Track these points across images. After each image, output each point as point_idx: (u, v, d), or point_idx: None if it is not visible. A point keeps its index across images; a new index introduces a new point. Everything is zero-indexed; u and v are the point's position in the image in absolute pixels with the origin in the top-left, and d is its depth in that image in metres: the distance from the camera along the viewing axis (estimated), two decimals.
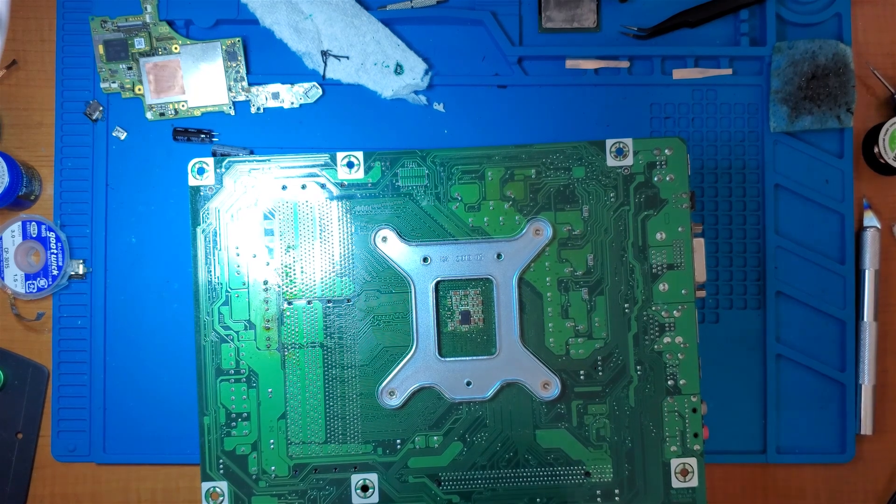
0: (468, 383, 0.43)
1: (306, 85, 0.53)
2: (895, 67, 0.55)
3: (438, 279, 0.44)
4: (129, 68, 0.53)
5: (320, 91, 0.53)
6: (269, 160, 0.45)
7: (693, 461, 0.43)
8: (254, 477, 0.43)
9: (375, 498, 0.43)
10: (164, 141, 0.53)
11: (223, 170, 0.45)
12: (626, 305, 0.43)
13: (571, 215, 0.44)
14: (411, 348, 0.43)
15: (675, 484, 0.43)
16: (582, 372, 0.43)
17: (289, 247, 0.44)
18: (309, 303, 0.44)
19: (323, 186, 0.44)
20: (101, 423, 0.52)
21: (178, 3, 0.53)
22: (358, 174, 0.44)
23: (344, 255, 0.44)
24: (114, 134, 0.53)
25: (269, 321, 0.44)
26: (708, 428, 0.45)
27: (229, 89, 0.53)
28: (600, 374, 0.43)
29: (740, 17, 0.53)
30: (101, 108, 0.53)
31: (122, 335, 0.53)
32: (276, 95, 0.53)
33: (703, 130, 0.53)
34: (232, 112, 0.53)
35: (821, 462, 0.52)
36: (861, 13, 0.54)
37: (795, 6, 0.54)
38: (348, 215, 0.44)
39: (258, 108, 0.53)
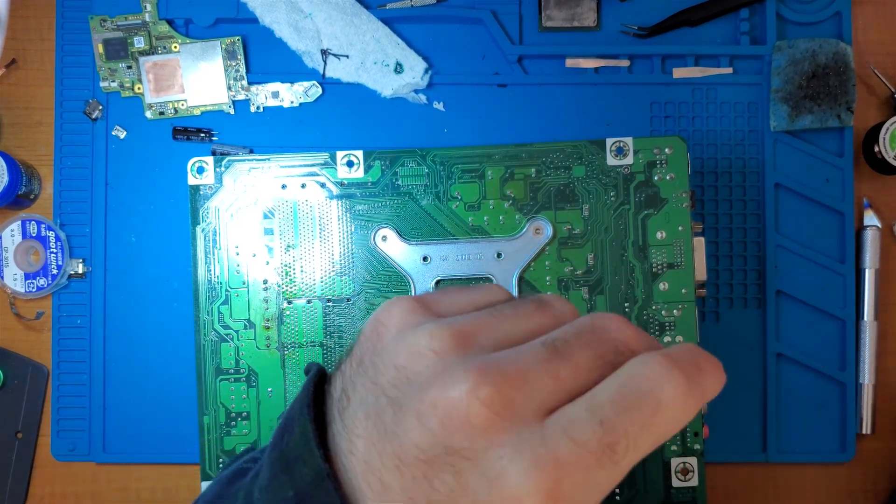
0: None
1: (306, 84, 0.53)
2: (895, 66, 0.54)
3: (438, 278, 0.44)
4: (129, 67, 0.53)
5: (320, 90, 0.53)
6: (268, 159, 0.45)
7: (693, 460, 0.43)
8: None
9: None
10: (164, 140, 0.53)
11: (223, 169, 0.45)
12: (626, 305, 0.43)
13: (571, 214, 0.44)
14: None
15: (676, 483, 0.43)
16: None
17: (288, 246, 0.44)
18: (309, 302, 0.44)
19: (323, 185, 0.44)
20: (101, 422, 0.52)
21: (177, 1, 0.53)
22: (358, 173, 0.44)
23: (344, 254, 0.44)
24: (113, 133, 0.53)
25: (268, 320, 0.44)
26: (708, 427, 0.44)
27: (229, 88, 0.53)
28: None
29: (740, 15, 0.53)
30: (100, 107, 0.53)
31: (121, 334, 0.53)
32: (275, 94, 0.53)
33: (703, 129, 0.53)
34: (231, 111, 0.53)
35: (821, 461, 0.52)
36: (861, 12, 0.54)
37: (796, 5, 0.53)
38: (348, 214, 0.44)
39: (258, 107, 0.53)
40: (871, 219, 0.53)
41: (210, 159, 0.46)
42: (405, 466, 0.20)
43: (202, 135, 0.53)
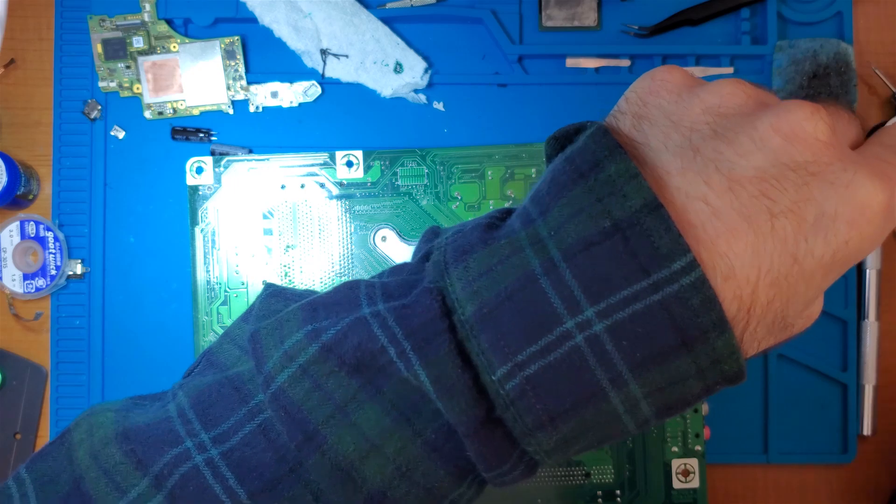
0: None
1: (305, 84, 0.53)
2: None
3: None
4: (128, 67, 0.53)
5: (319, 90, 0.53)
6: (267, 159, 0.44)
7: (694, 462, 0.43)
8: None
9: None
10: (163, 140, 0.53)
11: (222, 169, 0.45)
12: None
13: None
14: None
15: (677, 485, 0.43)
16: None
17: (288, 246, 0.44)
18: None
19: (322, 185, 0.44)
20: None
21: (176, 1, 0.53)
22: (357, 173, 0.44)
23: (343, 254, 0.44)
24: (112, 133, 0.53)
25: None
26: (709, 428, 0.44)
27: (228, 88, 0.53)
28: None
29: (741, 15, 0.53)
30: (99, 107, 0.53)
31: (120, 335, 0.52)
32: (274, 94, 0.53)
33: None
34: (230, 111, 0.53)
35: (822, 462, 0.52)
36: (863, 12, 0.54)
37: (797, 5, 0.53)
38: (347, 215, 0.44)
39: (257, 107, 0.53)
40: None
41: (209, 159, 0.46)
42: (739, 187, 0.21)
43: (201, 135, 0.53)
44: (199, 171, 0.44)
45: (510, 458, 0.23)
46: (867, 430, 0.52)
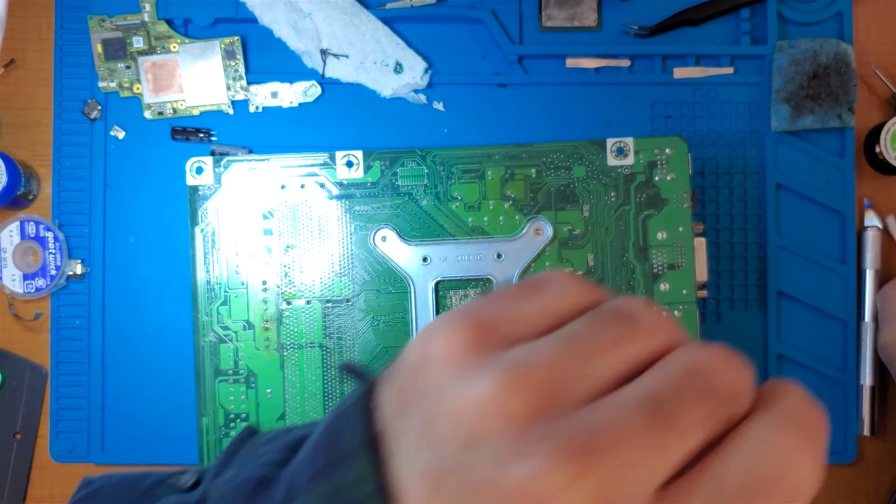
0: None
1: (305, 84, 0.53)
2: None
3: (438, 279, 0.43)
4: (128, 67, 0.53)
5: (319, 90, 0.53)
6: (267, 159, 0.44)
7: None
8: None
9: None
10: (163, 140, 0.53)
11: (222, 169, 0.45)
12: None
13: (572, 215, 0.44)
14: None
15: None
16: None
17: (288, 246, 0.44)
18: (308, 303, 0.44)
19: (322, 186, 0.44)
20: (100, 423, 0.52)
21: (176, 1, 0.53)
22: (357, 173, 0.44)
23: (343, 254, 0.44)
24: (112, 133, 0.53)
25: (267, 321, 0.44)
26: None
27: (228, 88, 0.53)
28: None
29: (741, 15, 0.53)
30: (99, 108, 0.53)
31: (120, 335, 0.52)
32: (274, 94, 0.53)
33: (704, 129, 0.53)
34: (230, 111, 0.53)
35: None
36: (863, 12, 0.54)
37: (797, 5, 0.53)
38: (347, 215, 0.44)
39: (257, 107, 0.53)
40: (871, 219, 0.53)
41: (209, 159, 0.45)
42: None
43: (201, 135, 0.53)
44: (199, 171, 0.44)
45: None
46: (867, 430, 0.52)
